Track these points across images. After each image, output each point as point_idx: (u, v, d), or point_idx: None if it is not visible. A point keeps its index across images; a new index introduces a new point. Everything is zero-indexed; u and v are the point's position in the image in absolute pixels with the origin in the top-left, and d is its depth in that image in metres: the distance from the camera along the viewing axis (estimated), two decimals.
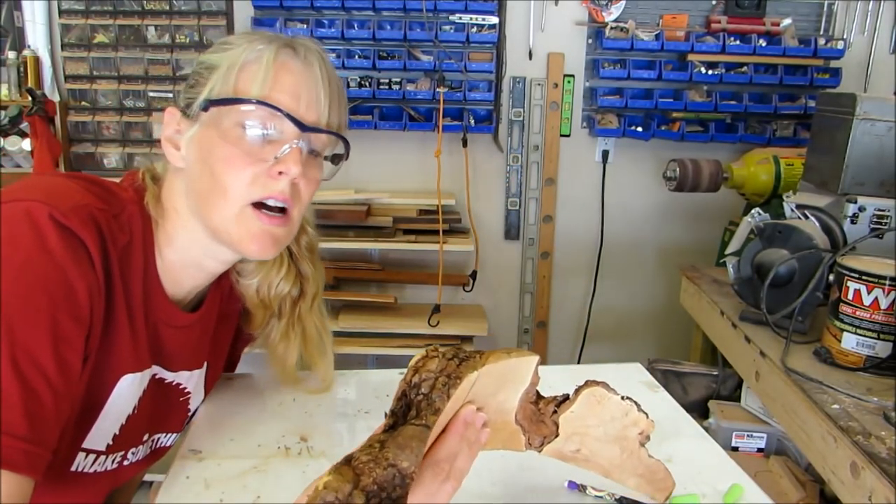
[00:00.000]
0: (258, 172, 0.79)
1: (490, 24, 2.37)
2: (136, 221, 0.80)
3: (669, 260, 2.66)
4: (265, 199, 0.80)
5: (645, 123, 2.49)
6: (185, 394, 0.96)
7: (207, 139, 0.79)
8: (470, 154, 2.49)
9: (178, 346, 0.90)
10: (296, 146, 0.79)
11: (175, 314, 0.87)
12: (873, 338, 1.30)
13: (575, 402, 0.72)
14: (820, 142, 1.78)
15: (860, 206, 1.58)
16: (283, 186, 0.79)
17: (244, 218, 0.80)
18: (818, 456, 1.23)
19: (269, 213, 0.81)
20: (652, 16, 2.43)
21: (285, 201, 0.81)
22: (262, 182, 0.79)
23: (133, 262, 0.79)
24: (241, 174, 0.78)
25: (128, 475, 0.91)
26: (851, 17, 2.44)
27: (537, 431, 0.72)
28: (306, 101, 0.80)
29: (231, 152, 0.78)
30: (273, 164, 0.79)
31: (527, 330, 2.73)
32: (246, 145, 0.78)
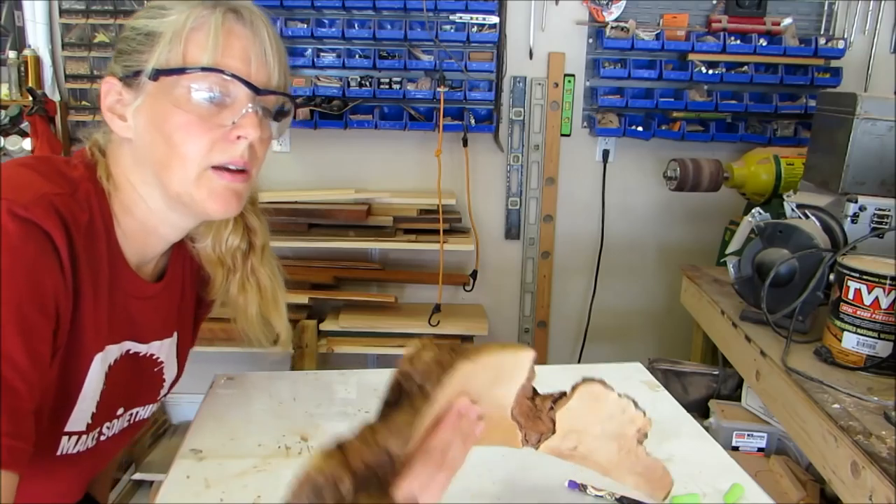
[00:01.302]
0: (216, 138, 0.80)
1: (490, 23, 2.37)
2: (92, 197, 0.80)
3: (670, 259, 2.66)
4: (226, 164, 0.81)
5: (645, 123, 2.49)
6: (158, 364, 0.96)
7: (159, 108, 0.79)
8: (470, 154, 2.49)
9: (147, 317, 0.91)
10: (251, 110, 0.80)
11: (141, 285, 0.88)
12: (874, 337, 1.30)
13: (572, 398, 0.72)
14: (820, 141, 1.78)
15: (861, 206, 1.58)
16: (241, 151, 0.81)
17: (205, 179, 0.81)
18: (819, 455, 1.23)
19: (231, 171, 0.82)
20: (652, 15, 2.43)
21: (245, 165, 0.82)
22: (220, 147, 0.80)
23: (96, 239, 0.80)
24: (199, 140, 0.79)
25: (108, 450, 0.92)
26: (852, 16, 2.44)
27: (534, 428, 0.72)
28: (256, 64, 0.81)
29: (187, 119, 0.78)
30: (231, 129, 0.80)
31: (527, 329, 2.73)
32: (202, 112, 0.79)
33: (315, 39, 2.38)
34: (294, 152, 2.57)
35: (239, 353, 2.41)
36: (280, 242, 2.36)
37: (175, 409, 2.77)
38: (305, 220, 2.41)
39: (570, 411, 0.72)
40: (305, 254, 2.50)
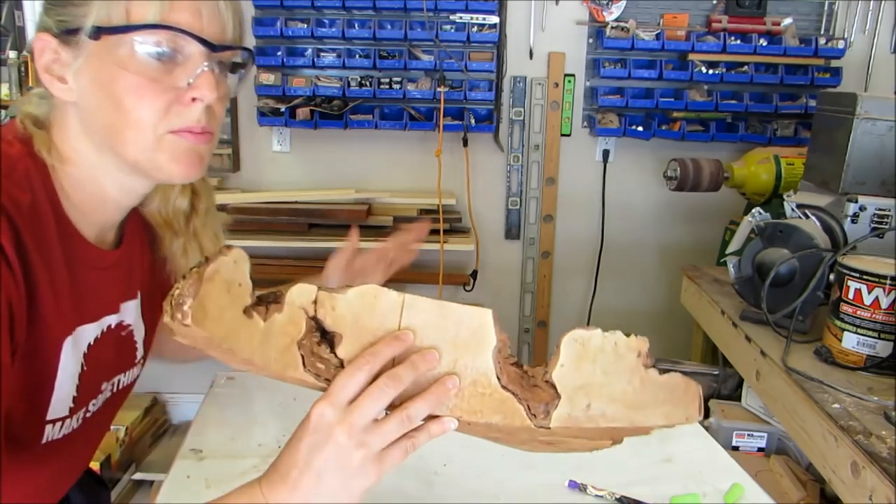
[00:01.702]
0: (171, 100, 0.73)
1: (491, 23, 2.37)
2: (33, 174, 0.74)
3: (670, 259, 2.65)
4: (183, 129, 0.75)
5: (645, 123, 2.49)
6: (126, 328, 0.92)
7: (104, 70, 0.73)
8: (470, 153, 2.49)
9: (114, 285, 0.87)
10: (207, 69, 0.74)
11: (99, 255, 0.83)
12: (874, 337, 1.30)
13: (559, 355, 0.67)
14: (821, 141, 1.78)
15: (861, 206, 1.58)
16: (199, 114, 0.75)
17: (166, 143, 0.75)
18: (819, 455, 1.23)
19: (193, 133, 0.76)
20: (652, 15, 2.43)
21: (205, 129, 0.77)
22: (176, 111, 0.74)
23: (43, 218, 0.74)
24: (153, 104, 0.73)
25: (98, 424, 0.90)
26: (852, 16, 2.44)
27: (535, 398, 0.67)
28: (208, 17, 0.74)
29: (137, 82, 0.72)
30: (186, 91, 0.74)
31: (527, 329, 2.73)
32: (152, 73, 0.72)
33: (315, 39, 2.38)
34: (294, 152, 2.57)
35: None
36: (280, 242, 2.36)
37: (175, 409, 2.77)
38: (305, 220, 2.41)
39: (563, 368, 0.67)
40: (305, 254, 2.50)
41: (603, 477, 0.88)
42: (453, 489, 0.87)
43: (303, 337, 0.64)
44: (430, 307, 0.65)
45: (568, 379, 0.67)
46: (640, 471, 0.92)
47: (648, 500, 0.84)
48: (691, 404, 0.71)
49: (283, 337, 0.64)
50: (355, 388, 0.62)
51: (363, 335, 0.64)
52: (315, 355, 0.64)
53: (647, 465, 0.94)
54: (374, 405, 0.62)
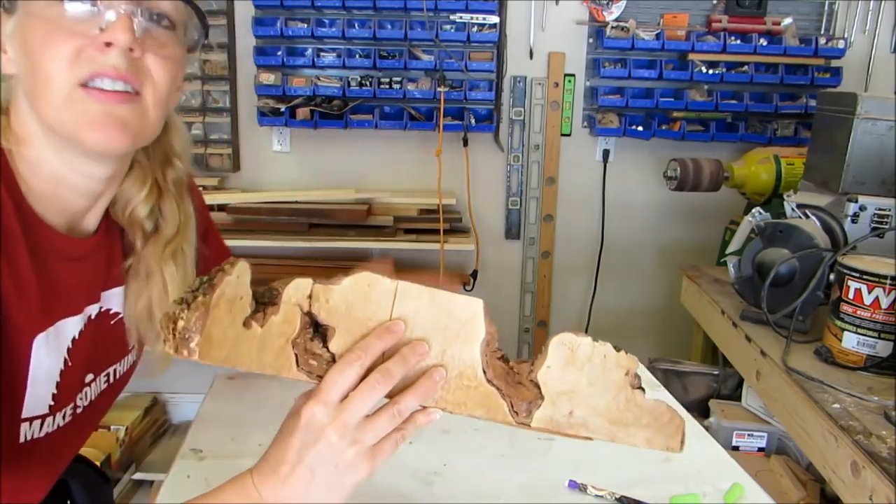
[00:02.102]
0: (81, 47, 0.66)
1: (491, 23, 2.37)
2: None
3: (670, 259, 2.65)
4: (96, 79, 0.67)
5: (646, 123, 2.49)
6: (114, 316, 0.86)
7: (25, 29, 0.68)
8: (471, 153, 2.49)
9: (89, 276, 0.81)
10: (122, 12, 0.66)
11: (70, 245, 0.76)
12: (874, 337, 1.30)
13: (547, 356, 0.66)
14: (821, 141, 1.78)
15: (861, 206, 1.58)
16: (114, 60, 0.66)
17: (75, 101, 0.67)
18: (819, 455, 1.23)
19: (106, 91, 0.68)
20: (653, 15, 2.43)
21: (124, 79, 0.67)
22: (87, 56, 0.66)
23: (1, 212, 0.68)
24: (59, 52, 0.66)
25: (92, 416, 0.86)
26: (852, 16, 2.44)
27: (518, 396, 0.67)
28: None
29: (46, 31, 0.66)
30: (98, 35, 0.66)
31: (527, 329, 2.73)
32: (62, 20, 0.66)
33: (315, 39, 2.38)
34: (294, 152, 2.57)
35: None
36: (280, 242, 2.36)
37: (175, 409, 2.77)
38: (306, 219, 2.41)
39: (550, 370, 0.66)
40: (306, 254, 2.50)
41: (603, 477, 0.88)
42: (453, 489, 0.87)
43: (297, 335, 0.62)
44: (422, 295, 0.63)
45: (553, 382, 0.66)
46: (640, 471, 0.92)
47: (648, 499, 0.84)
48: (674, 436, 0.70)
49: (278, 338, 0.62)
50: (346, 386, 0.61)
51: (355, 327, 0.63)
52: (308, 352, 0.63)
53: (647, 464, 0.94)
54: (365, 403, 0.61)
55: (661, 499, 0.85)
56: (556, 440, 0.99)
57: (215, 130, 2.51)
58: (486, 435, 1.00)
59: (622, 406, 0.68)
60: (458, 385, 0.65)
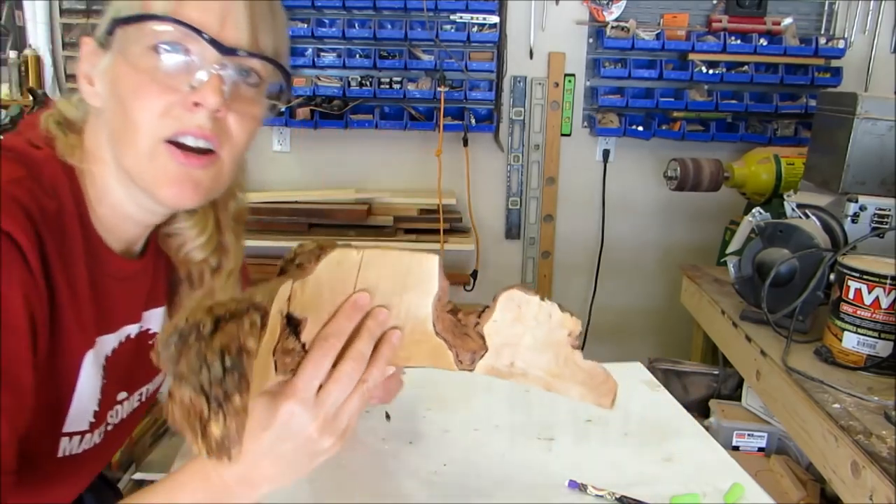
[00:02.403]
0: (171, 103, 0.67)
1: (491, 23, 2.37)
2: (60, 180, 0.69)
3: (670, 259, 2.65)
4: (180, 136, 0.68)
5: (646, 123, 2.49)
6: (151, 336, 0.87)
7: (118, 69, 0.68)
8: (471, 153, 2.49)
9: (133, 295, 0.82)
10: (214, 72, 0.67)
11: (122, 266, 0.78)
12: (874, 337, 1.30)
13: (496, 309, 0.68)
14: (821, 141, 1.78)
15: (861, 206, 1.58)
16: (200, 120, 0.67)
17: (157, 156, 0.68)
18: (819, 455, 1.23)
19: (189, 152, 0.69)
20: (653, 15, 2.43)
21: (206, 138, 0.68)
22: (175, 114, 0.67)
23: (68, 227, 0.69)
24: (150, 105, 0.66)
25: (119, 436, 0.86)
26: (852, 16, 2.44)
27: (464, 346, 0.69)
28: (223, 15, 0.67)
29: (139, 81, 0.66)
30: (188, 94, 0.67)
31: None
32: (156, 73, 0.66)
33: (315, 39, 2.38)
34: (294, 152, 2.57)
35: None
36: (280, 242, 2.36)
37: None
38: (306, 219, 2.41)
39: (496, 324, 0.68)
40: None
41: (603, 477, 0.88)
42: (453, 489, 0.87)
43: (277, 342, 0.60)
44: (384, 261, 0.64)
45: (498, 335, 0.69)
46: (640, 470, 0.92)
47: (648, 499, 0.84)
48: (606, 395, 0.75)
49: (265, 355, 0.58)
50: (321, 377, 0.61)
51: (324, 311, 0.63)
52: (283, 351, 0.61)
53: (647, 464, 0.94)
54: (343, 393, 0.62)
55: (661, 499, 0.85)
56: (555, 440, 0.99)
57: None
58: (486, 435, 1.00)
59: (561, 363, 0.71)
60: (409, 341, 0.66)
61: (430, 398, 1.10)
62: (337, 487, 0.86)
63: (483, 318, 0.69)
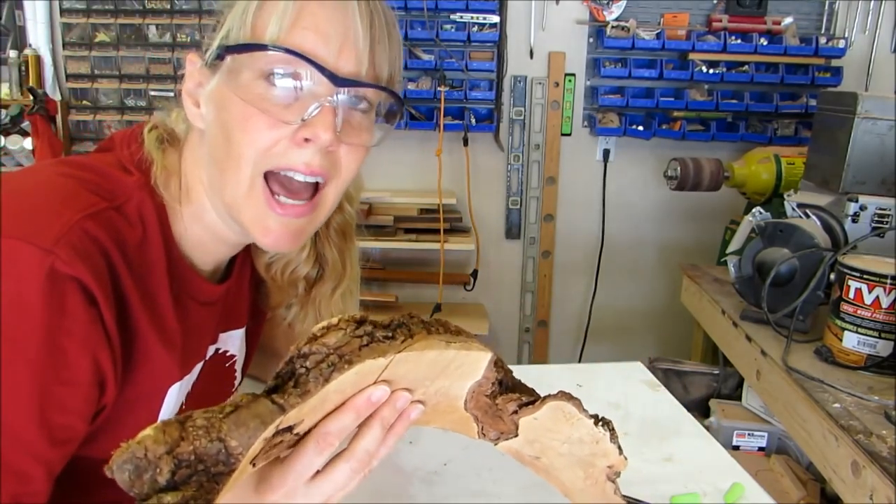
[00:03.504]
0: (279, 137, 0.63)
1: (491, 23, 2.37)
2: (147, 207, 0.66)
3: (670, 259, 2.65)
4: (285, 171, 0.64)
5: (646, 122, 2.49)
6: (230, 359, 0.85)
7: (224, 95, 0.64)
8: (471, 153, 2.49)
9: (216, 319, 0.79)
10: (327, 105, 0.62)
11: (209, 290, 0.74)
12: (874, 337, 1.30)
13: (540, 409, 0.62)
14: (821, 140, 1.78)
15: (861, 205, 1.58)
16: (308, 157, 0.63)
17: (256, 189, 0.64)
18: (819, 455, 1.23)
19: (290, 202, 0.65)
20: (653, 15, 2.43)
21: (314, 174, 0.64)
22: (282, 149, 0.63)
23: (152, 257, 0.66)
24: (257, 138, 0.62)
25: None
26: (852, 15, 2.44)
27: (493, 426, 0.64)
28: (339, 43, 0.62)
29: (247, 112, 0.62)
30: (298, 128, 0.62)
31: (528, 329, 2.73)
32: (265, 103, 0.62)
33: None
34: None
35: None
36: None
37: None
38: None
39: (536, 422, 0.63)
40: None
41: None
42: (453, 489, 0.87)
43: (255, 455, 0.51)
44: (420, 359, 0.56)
45: (534, 431, 0.64)
46: (641, 470, 0.92)
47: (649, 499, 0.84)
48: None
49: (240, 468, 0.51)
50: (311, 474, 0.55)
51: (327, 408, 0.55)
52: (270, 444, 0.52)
53: (647, 464, 0.94)
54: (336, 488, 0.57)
55: (661, 498, 0.85)
56: None
57: None
58: None
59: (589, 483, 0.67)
60: (434, 411, 0.62)
61: None
62: None
63: (524, 410, 0.63)
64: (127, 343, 0.63)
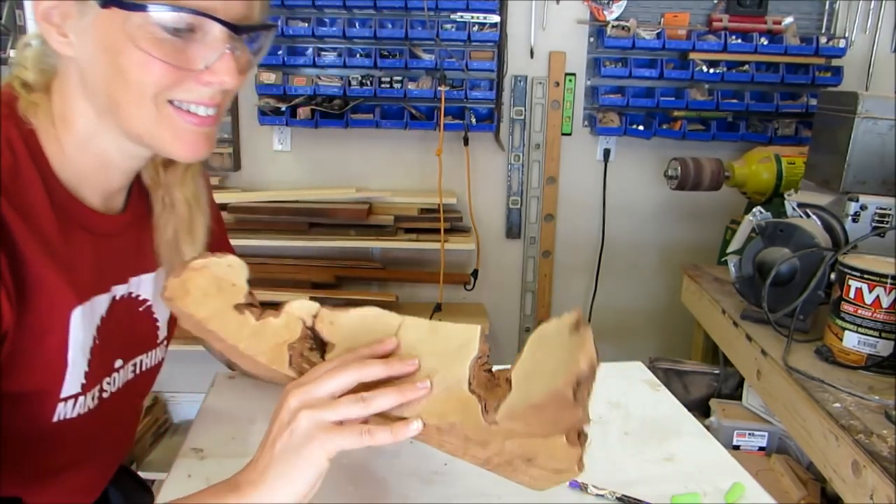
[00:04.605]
0: (182, 78, 0.68)
1: (491, 22, 2.37)
2: (12, 134, 0.68)
3: (671, 258, 2.65)
4: (189, 105, 0.70)
5: (646, 122, 2.49)
6: (143, 303, 0.87)
7: (112, 39, 0.66)
8: (471, 153, 2.49)
9: (120, 254, 0.81)
10: (227, 52, 0.67)
11: (102, 221, 0.78)
12: (875, 336, 1.30)
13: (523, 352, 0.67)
14: (821, 140, 1.78)
15: (862, 205, 1.58)
16: (211, 94, 0.70)
17: (165, 117, 0.69)
18: (819, 454, 1.23)
19: (202, 112, 0.71)
20: (653, 14, 2.43)
21: (215, 106, 0.71)
22: (187, 87, 0.68)
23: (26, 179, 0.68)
24: (159, 81, 0.67)
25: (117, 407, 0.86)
26: (853, 15, 2.44)
27: (493, 396, 0.67)
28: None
29: (145, 57, 0.65)
30: (202, 73, 0.68)
31: (528, 329, 2.73)
32: (165, 50, 0.66)
33: (316, 38, 2.38)
34: (295, 151, 2.57)
35: None
36: (281, 241, 2.36)
37: (176, 409, 2.77)
38: (306, 219, 2.41)
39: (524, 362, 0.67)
40: (306, 253, 2.50)
41: (603, 476, 0.88)
42: (453, 489, 0.87)
43: (295, 341, 0.69)
44: (423, 327, 0.68)
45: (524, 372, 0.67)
46: (641, 470, 0.92)
47: (649, 499, 0.84)
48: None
49: (274, 337, 0.69)
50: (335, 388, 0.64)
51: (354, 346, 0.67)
52: (303, 357, 0.68)
53: (647, 464, 0.94)
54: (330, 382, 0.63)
55: (661, 498, 0.85)
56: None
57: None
58: None
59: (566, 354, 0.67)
60: (443, 398, 0.66)
61: None
62: (337, 487, 0.86)
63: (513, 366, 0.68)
64: (14, 268, 0.65)
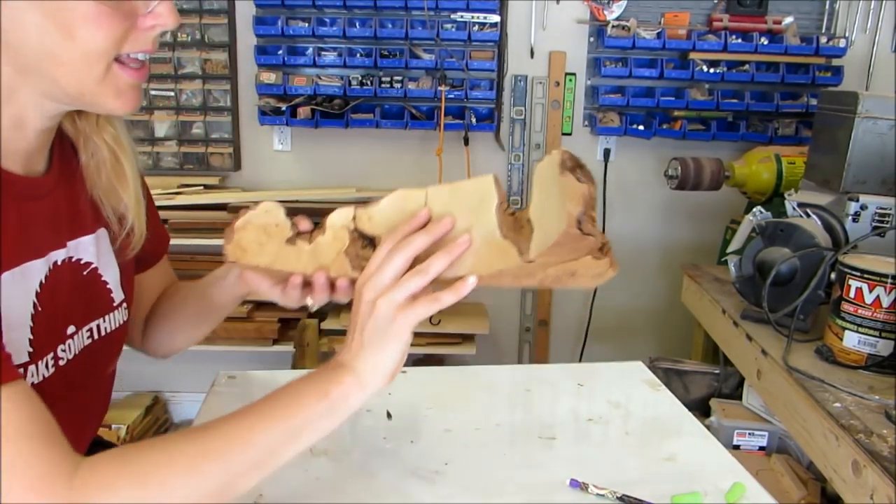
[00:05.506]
0: (128, 27, 0.69)
1: (491, 22, 2.37)
2: None
3: (671, 258, 2.65)
4: (134, 54, 0.71)
5: (646, 122, 2.49)
6: (88, 266, 0.85)
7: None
8: (471, 153, 2.49)
9: (52, 218, 0.79)
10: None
11: (25, 185, 0.75)
12: (875, 336, 1.30)
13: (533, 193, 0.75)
14: (822, 140, 1.78)
15: (862, 205, 1.58)
16: (154, 38, 0.72)
17: (111, 77, 0.70)
18: (820, 454, 1.23)
19: (135, 66, 0.72)
20: (653, 14, 2.43)
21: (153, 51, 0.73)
22: (132, 37, 0.70)
23: None
24: (108, 34, 0.67)
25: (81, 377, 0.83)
26: (853, 15, 2.44)
27: (523, 238, 0.75)
28: None
29: (95, 11, 0.66)
30: (146, 17, 0.70)
31: (528, 328, 2.74)
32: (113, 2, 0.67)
33: (316, 38, 2.38)
34: (295, 151, 2.57)
35: (240, 352, 2.41)
36: None
37: (176, 408, 2.78)
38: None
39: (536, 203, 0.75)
40: None
41: (604, 476, 0.88)
42: (454, 489, 0.87)
43: (348, 246, 0.78)
44: (445, 191, 0.75)
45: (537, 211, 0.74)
46: (641, 470, 0.92)
47: (649, 499, 0.84)
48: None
49: (329, 250, 0.79)
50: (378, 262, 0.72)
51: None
52: (360, 256, 0.77)
53: (648, 464, 0.94)
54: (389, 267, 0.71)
55: (662, 498, 0.85)
56: (557, 439, 0.99)
57: (216, 129, 2.51)
58: (488, 434, 1.00)
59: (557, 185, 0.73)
60: (486, 251, 0.74)
61: (431, 397, 1.10)
62: (338, 486, 0.87)
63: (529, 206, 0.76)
64: None
